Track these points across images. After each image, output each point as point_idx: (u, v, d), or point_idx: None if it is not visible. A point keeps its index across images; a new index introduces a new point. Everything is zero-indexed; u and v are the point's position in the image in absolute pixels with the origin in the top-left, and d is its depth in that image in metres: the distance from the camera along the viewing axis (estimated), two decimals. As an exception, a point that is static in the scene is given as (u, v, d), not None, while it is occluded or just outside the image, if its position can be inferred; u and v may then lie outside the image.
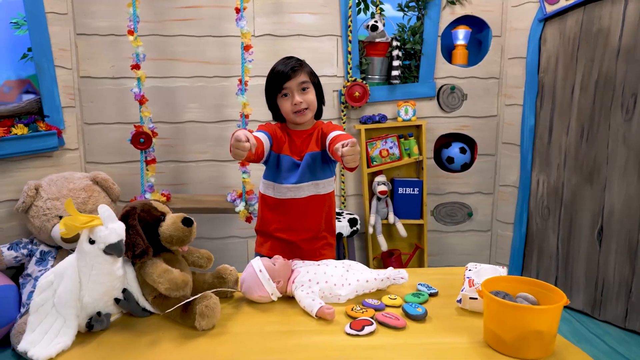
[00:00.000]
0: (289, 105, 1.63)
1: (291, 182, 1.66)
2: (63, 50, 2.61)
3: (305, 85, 1.64)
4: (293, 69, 1.60)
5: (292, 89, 1.62)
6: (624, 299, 2.45)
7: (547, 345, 1.02)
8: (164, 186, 2.76)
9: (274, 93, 1.66)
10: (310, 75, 1.66)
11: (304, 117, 1.65)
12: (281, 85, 1.61)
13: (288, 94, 1.63)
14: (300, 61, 1.66)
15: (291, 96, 1.62)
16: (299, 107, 1.62)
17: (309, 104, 1.64)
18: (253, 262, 1.25)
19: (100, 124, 2.74)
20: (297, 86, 1.62)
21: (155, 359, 0.98)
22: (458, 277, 1.40)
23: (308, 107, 1.64)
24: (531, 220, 2.90)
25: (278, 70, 1.63)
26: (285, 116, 1.69)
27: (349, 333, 1.09)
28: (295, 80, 1.61)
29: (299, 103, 1.61)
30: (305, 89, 1.64)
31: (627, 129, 2.38)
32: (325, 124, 1.75)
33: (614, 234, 2.48)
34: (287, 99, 1.63)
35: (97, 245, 1.02)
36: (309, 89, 1.65)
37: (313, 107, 1.67)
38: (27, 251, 2.39)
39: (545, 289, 1.11)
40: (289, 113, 1.65)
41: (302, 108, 1.63)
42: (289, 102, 1.63)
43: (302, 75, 1.63)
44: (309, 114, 1.66)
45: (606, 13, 2.42)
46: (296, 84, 1.61)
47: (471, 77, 2.91)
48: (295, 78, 1.61)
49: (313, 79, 1.68)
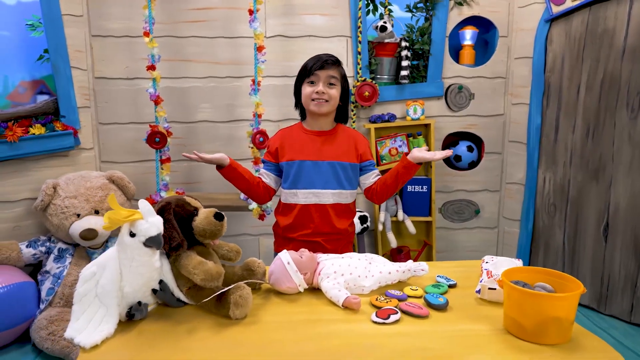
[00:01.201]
0: (310, 91, 1.67)
1: (316, 188, 1.71)
2: (79, 51, 2.66)
3: (333, 81, 1.68)
4: (327, 62, 1.66)
5: (320, 77, 1.66)
6: (629, 293, 2.51)
7: (565, 331, 1.08)
8: (177, 185, 2.81)
9: (302, 78, 1.71)
10: (341, 76, 1.71)
11: (320, 107, 1.68)
12: (312, 71, 1.66)
13: (315, 81, 1.67)
14: (336, 58, 1.71)
15: (316, 84, 1.67)
16: (320, 96, 1.66)
17: (330, 97, 1.67)
18: (281, 255, 1.31)
19: (114, 123, 2.80)
20: (325, 77, 1.66)
21: (194, 346, 1.04)
22: (474, 270, 1.46)
23: (328, 101, 1.67)
24: (537, 217, 2.95)
25: (316, 57, 1.70)
26: (304, 103, 1.72)
27: (376, 321, 1.14)
28: (326, 72, 1.66)
29: (321, 92, 1.66)
30: (332, 85, 1.68)
31: (632, 128, 2.44)
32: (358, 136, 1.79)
33: (619, 230, 2.53)
34: (312, 86, 1.68)
35: (137, 238, 1.07)
36: (335, 85, 1.69)
37: (333, 104, 1.70)
38: (45, 249, 2.43)
39: (562, 279, 1.16)
40: (307, 99, 1.69)
41: (323, 99, 1.67)
42: (312, 89, 1.67)
43: (334, 71, 1.68)
44: (327, 107, 1.69)
45: (611, 14, 2.48)
46: (326, 75, 1.66)
47: (478, 76, 2.97)
48: (327, 70, 1.66)
49: (343, 82, 1.73)
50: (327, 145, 1.73)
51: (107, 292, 1.07)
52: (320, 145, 1.73)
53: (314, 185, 1.72)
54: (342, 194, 1.75)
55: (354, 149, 1.75)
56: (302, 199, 1.73)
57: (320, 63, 1.66)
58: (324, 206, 1.72)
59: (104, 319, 1.06)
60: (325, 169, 1.71)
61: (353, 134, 1.80)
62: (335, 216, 1.74)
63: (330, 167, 1.71)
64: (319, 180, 1.71)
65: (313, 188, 1.72)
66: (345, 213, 1.79)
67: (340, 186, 1.73)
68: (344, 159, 1.73)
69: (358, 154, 1.76)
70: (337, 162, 1.71)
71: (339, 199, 1.74)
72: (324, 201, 1.72)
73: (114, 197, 1.06)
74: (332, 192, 1.72)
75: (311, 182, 1.71)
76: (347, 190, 1.76)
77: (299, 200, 1.73)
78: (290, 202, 1.77)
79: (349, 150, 1.74)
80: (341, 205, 1.77)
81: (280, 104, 2.84)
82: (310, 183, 1.71)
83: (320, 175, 1.71)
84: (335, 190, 1.73)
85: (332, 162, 1.71)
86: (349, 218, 1.81)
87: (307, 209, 1.73)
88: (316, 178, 1.71)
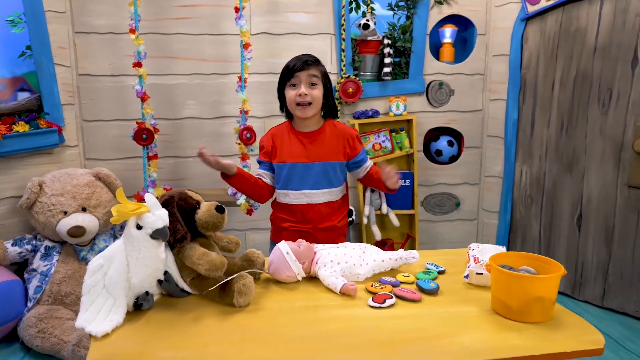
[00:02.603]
0: (293, 94, 1.68)
1: (307, 189, 1.76)
2: (62, 48, 2.64)
3: (314, 81, 1.68)
4: (307, 62, 1.67)
5: (301, 79, 1.67)
6: (601, 279, 2.64)
7: (547, 310, 1.16)
8: (164, 181, 2.83)
9: (284, 81, 1.73)
10: (322, 74, 1.72)
11: (305, 112, 1.69)
12: (292, 73, 1.67)
13: (296, 84, 1.68)
14: (315, 58, 1.72)
15: (298, 87, 1.68)
16: (302, 99, 1.67)
17: (313, 99, 1.68)
18: (280, 245, 1.36)
19: (99, 121, 2.79)
20: (306, 78, 1.67)
21: (202, 332, 1.08)
22: (460, 258, 1.55)
23: (312, 103, 1.68)
24: (515, 208, 3.07)
25: (293, 59, 1.71)
26: (289, 107, 1.74)
27: (373, 306, 1.21)
28: (306, 72, 1.67)
29: (303, 94, 1.66)
30: (314, 84, 1.68)
31: (603, 122, 2.56)
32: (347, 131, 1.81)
33: (592, 219, 2.66)
34: (294, 89, 1.69)
35: (144, 230, 1.11)
36: (317, 85, 1.69)
37: (317, 105, 1.70)
38: (32, 247, 2.42)
39: (544, 262, 1.25)
40: (292, 103, 1.71)
41: (306, 101, 1.67)
42: (294, 92, 1.68)
43: (314, 70, 1.68)
44: (311, 110, 1.70)
45: (583, 13, 2.60)
46: (306, 75, 1.67)
47: (458, 73, 3.07)
48: (307, 70, 1.67)
49: (325, 80, 1.73)
50: (316, 146, 1.75)
51: (115, 283, 1.11)
52: (310, 147, 1.75)
53: (305, 186, 1.75)
54: (333, 192, 1.81)
55: (343, 146, 1.78)
56: (294, 199, 1.77)
57: (300, 64, 1.66)
58: (315, 205, 1.78)
59: (112, 309, 1.10)
60: (315, 171, 1.74)
61: (341, 130, 1.81)
62: (327, 214, 1.81)
63: (320, 168, 1.74)
64: (309, 182, 1.75)
65: (304, 189, 1.76)
66: (337, 209, 1.85)
67: (330, 185, 1.78)
68: (333, 158, 1.76)
69: (346, 152, 1.80)
70: (326, 163, 1.74)
71: (330, 197, 1.80)
72: (315, 201, 1.77)
73: (121, 190, 1.09)
74: (322, 192, 1.77)
75: (302, 183, 1.75)
76: (336, 187, 1.82)
77: (291, 200, 1.78)
78: (282, 201, 1.82)
79: (338, 149, 1.77)
80: (332, 203, 1.82)
81: (265, 100, 2.88)
82: (301, 184, 1.75)
83: (311, 177, 1.74)
84: (326, 189, 1.78)
85: (322, 162, 1.74)
86: (341, 213, 1.87)
87: (299, 208, 1.78)
88: (307, 179, 1.75)
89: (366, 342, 1.06)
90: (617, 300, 2.58)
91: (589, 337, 1.09)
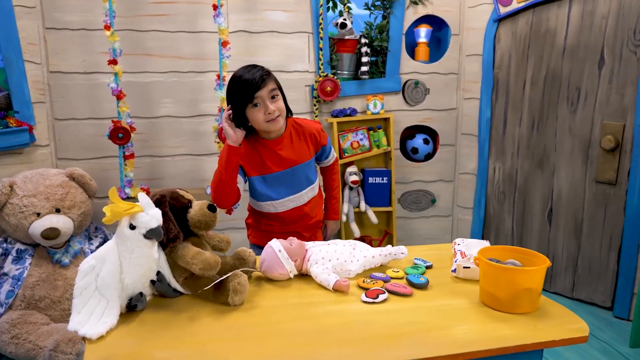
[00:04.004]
0: (261, 115, 1.61)
1: (293, 194, 1.77)
2: (32, 44, 2.56)
3: (274, 93, 1.62)
4: (262, 79, 1.58)
5: (264, 97, 1.59)
6: (571, 271, 2.75)
7: (534, 301, 1.21)
8: (140, 181, 2.78)
9: (243, 103, 1.61)
10: (276, 82, 1.66)
11: (277, 124, 1.65)
12: (252, 95, 1.58)
13: (259, 103, 1.60)
14: (266, 69, 1.64)
15: (263, 106, 1.60)
16: (272, 116, 1.61)
17: (280, 111, 1.64)
18: (272, 244, 1.36)
19: (71, 119, 2.71)
20: (267, 94, 1.60)
21: (199, 331, 1.08)
22: (445, 252, 1.59)
23: (280, 115, 1.64)
24: (489, 204, 3.16)
25: (246, 79, 1.58)
26: (257, 126, 1.66)
27: (366, 301, 1.23)
28: (266, 89, 1.59)
29: (272, 112, 1.60)
30: (274, 97, 1.63)
31: (572, 120, 2.67)
32: (308, 126, 1.79)
33: (562, 214, 2.77)
34: (259, 109, 1.60)
35: (137, 230, 1.09)
36: (278, 96, 1.64)
37: (284, 114, 1.67)
38: (2, 250, 2.34)
39: (529, 255, 1.30)
40: (261, 123, 1.63)
41: (276, 116, 1.62)
42: (261, 112, 1.61)
43: (271, 83, 1.61)
44: (281, 120, 1.67)
45: (553, 15, 2.69)
46: (267, 92, 1.59)
47: (433, 72, 3.13)
48: (265, 87, 1.59)
49: (279, 85, 1.68)
50: (288, 150, 1.74)
51: (108, 285, 1.09)
52: (283, 153, 1.73)
53: (288, 193, 1.77)
54: (313, 187, 1.85)
55: (309, 144, 1.78)
56: (280, 207, 1.78)
57: (257, 82, 1.57)
58: (301, 206, 1.81)
59: (105, 311, 1.08)
60: (297, 175, 1.76)
61: (306, 128, 1.79)
62: (310, 211, 1.85)
63: (301, 172, 1.77)
64: (291, 187, 1.76)
65: (288, 196, 1.77)
66: (317, 203, 1.90)
67: (309, 182, 1.82)
68: (307, 156, 1.78)
69: (314, 147, 1.81)
70: (300, 165, 1.76)
71: (312, 193, 1.84)
72: (301, 202, 1.80)
73: (114, 190, 1.07)
74: (305, 192, 1.81)
75: (288, 190, 1.76)
76: (315, 181, 1.86)
77: (277, 209, 1.78)
78: (265, 211, 1.80)
79: (308, 145, 1.78)
80: (316, 197, 1.88)
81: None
82: (284, 192, 1.76)
83: (291, 182, 1.75)
84: (308, 187, 1.81)
85: (296, 166, 1.75)
86: (320, 206, 1.93)
87: (287, 214, 1.80)
88: (292, 185, 1.76)
89: (362, 336, 1.08)
90: (586, 291, 2.69)
91: (575, 326, 1.14)
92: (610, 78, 2.47)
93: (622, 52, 2.42)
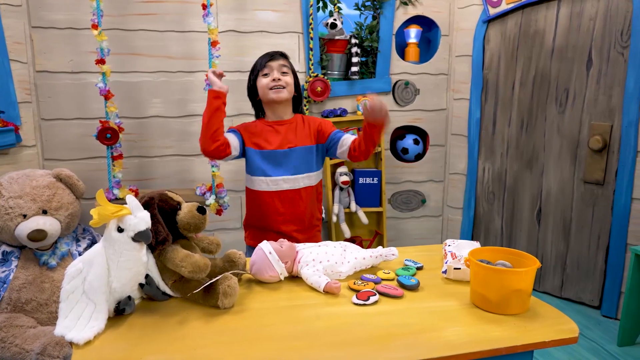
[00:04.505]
0: (267, 81, 1.75)
1: (288, 174, 1.78)
2: (18, 43, 2.52)
3: (285, 70, 1.78)
4: (277, 54, 1.78)
5: (273, 68, 1.76)
6: (559, 271, 2.77)
7: (524, 302, 1.21)
8: (128, 182, 2.75)
9: (255, 75, 1.79)
10: (291, 67, 1.82)
11: (279, 93, 1.75)
12: (264, 64, 1.75)
13: (268, 72, 1.76)
14: (285, 54, 1.83)
15: (271, 74, 1.76)
16: (276, 83, 1.75)
17: (287, 84, 1.77)
18: (262, 246, 1.35)
19: (58, 119, 2.68)
20: (278, 67, 1.77)
21: (189, 335, 1.06)
22: (435, 253, 1.59)
23: (285, 87, 1.76)
24: (478, 204, 3.18)
25: (264, 53, 1.80)
26: (262, 95, 1.78)
27: (357, 303, 1.22)
28: (278, 62, 1.77)
29: (277, 79, 1.75)
30: (284, 73, 1.78)
31: (560, 120, 2.69)
32: (313, 119, 1.87)
33: (550, 214, 2.79)
34: (267, 77, 1.76)
35: (126, 233, 1.08)
36: (288, 73, 1.79)
37: (290, 90, 1.79)
38: (-13, 252, 2.30)
39: (519, 256, 1.30)
40: (265, 89, 1.76)
41: (280, 85, 1.75)
42: (267, 79, 1.76)
43: (284, 61, 1.79)
44: (285, 93, 1.77)
45: (542, 16, 2.71)
46: (277, 64, 1.77)
47: (423, 73, 3.13)
48: (278, 60, 1.77)
49: (293, 69, 1.83)
50: (291, 133, 1.81)
51: (95, 289, 1.07)
52: (285, 134, 1.80)
53: (282, 173, 1.79)
54: (311, 176, 1.85)
55: (316, 131, 1.84)
56: (273, 186, 1.79)
57: (268, 56, 1.78)
58: (295, 191, 1.80)
59: (92, 315, 1.06)
60: (295, 156, 1.78)
61: (312, 119, 1.89)
62: (304, 199, 1.83)
63: (300, 153, 1.79)
64: (291, 167, 1.79)
65: (282, 175, 1.79)
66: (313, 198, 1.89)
67: (309, 169, 1.83)
68: (309, 142, 1.82)
69: (319, 136, 1.84)
70: (303, 147, 1.80)
71: (309, 181, 1.84)
72: (295, 186, 1.80)
73: (102, 192, 1.06)
74: (302, 177, 1.81)
75: (284, 169, 1.78)
76: (314, 172, 1.86)
77: (270, 187, 1.79)
78: (258, 189, 1.81)
79: (312, 133, 1.83)
80: (311, 188, 1.86)
81: (233, 99, 2.81)
82: (283, 170, 1.79)
83: (292, 162, 1.79)
84: (305, 174, 1.82)
85: (299, 147, 1.79)
86: (317, 205, 1.92)
87: (278, 194, 1.79)
88: (289, 165, 1.79)
89: (353, 338, 1.07)
90: (574, 290, 2.71)
91: (565, 327, 1.14)
92: (598, 79, 2.50)
93: (610, 53, 2.44)
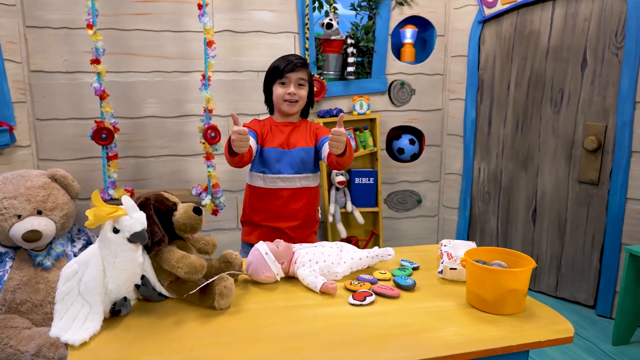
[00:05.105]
0: (283, 92, 1.79)
1: (285, 173, 1.82)
2: (12, 43, 2.50)
3: (302, 82, 1.81)
4: (298, 65, 1.78)
5: (291, 79, 1.79)
6: (555, 271, 2.79)
7: (520, 302, 1.22)
8: (124, 182, 2.74)
9: (273, 79, 1.82)
10: (309, 76, 1.85)
11: (292, 107, 1.82)
12: (284, 73, 1.77)
13: (286, 83, 1.79)
14: (305, 62, 1.84)
15: (288, 86, 1.79)
16: (292, 98, 1.79)
17: (300, 98, 1.82)
18: (258, 246, 1.35)
19: (53, 119, 2.66)
20: (296, 79, 1.79)
21: (185, 336, 1.06)
22: (431, 254, 1.59)
23: (298, 101, 1.82)
24: (474, 204, 3.19)
25: (287, 59, 1.80)
26: (276, 102, 1.84)
27: (353, 303, 1.22)
28: (297, 74, 1.79)
29: (292, 94, 1.79)
30: (301, 85, 1.81)
31: (555, 121, 2.70)
32: (315, 124, 1.92)
33: (545, 213, 2.80)
34: (284, 87, 1.80)
35: (121, 234, 1.07)
36: (304, 86, 1.83)
37: (302, 103, 1.85)
38: (-19, 253, 2.29)
39: (515, 256, 1.31)
40: (279, 99, 1.81)
41: (295, 100, 1.80)
42: (284, 90, 1.79)
43: (303, 73, 1.81)
44: (298, 107, 1.84)
45: (537, 17, 2.72)
46: (296, 77, 1.79)
47: (418, 73, 3.14)
48: (297, 72, 1.78)
49: (310, 79, 1.86)
50: (295, 134, 1.87)
51: (91, 290, 1.06)
52: (289, 135, 1.85)
53: (285, 171, 1.83)
54: (309, 177, 1.89)
55: (314, 134, 1.91)
56: (270, 183, 1.83)
57: (291, 66, 1.78)
58: (292, 190, 1.84)
59: (88, 316, 1.06)
60: (294, 156, 1.83)
61: (313, 125, 1.95)
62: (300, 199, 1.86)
63: (298, 154, 1.83)
64: (289, 167, 1.83)
65: (279, 174, 1.83)
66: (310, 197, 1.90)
67: (307, 170, 1.87)
68: (309, 144, 1.88)
69: (316, 139, 1.90)
70: (304, 148, 1.85)
71: (306, 182, 1.88)
72: (291, 185, 1.84)
73: (97, 193, 1.05)
74: (299, 177, 1.85)
75: (282, 168, 1.83)
76: (312, 173, 1.90)
77: (266, 184, 1.84)
78: (258, 184, 1.86)
79: (311, 136, 1.89)
80: (308, 189, 1.88)
81: (228, 99, 2.85)
82: (281, 169, 1.83)
83: (290, 162, 1.83)
84: (303, 174, 1.86)
85: (300, 148, 1.84)
86: (314, 203, 1.93)
87: (274, 192, 1.83)
88: (286, 164, 1.83)
89: (350, 339, 1.07)
90: (569, 289, 2.73)
91: (560, 327, 1.15)
92: (593, 79, 2.51)
93: (604, 54, 2.46)
